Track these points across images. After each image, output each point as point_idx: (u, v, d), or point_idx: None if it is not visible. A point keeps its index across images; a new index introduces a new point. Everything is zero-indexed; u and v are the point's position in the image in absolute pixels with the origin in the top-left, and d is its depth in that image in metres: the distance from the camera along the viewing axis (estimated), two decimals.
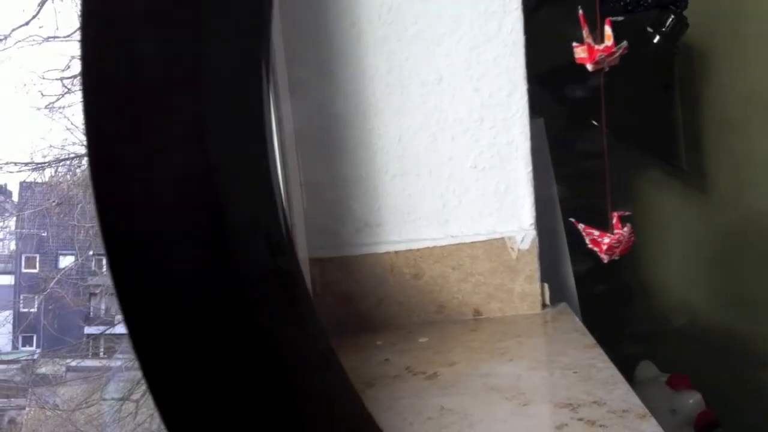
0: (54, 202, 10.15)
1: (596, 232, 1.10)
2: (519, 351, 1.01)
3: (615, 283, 1.76)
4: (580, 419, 0.76)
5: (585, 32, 1.03)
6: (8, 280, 17.43)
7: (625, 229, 1.09)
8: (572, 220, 1.12)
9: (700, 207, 1.90)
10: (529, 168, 1.14)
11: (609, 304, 1.72)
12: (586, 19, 1.03)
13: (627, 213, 1.10)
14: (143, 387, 9.82)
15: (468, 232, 1.16)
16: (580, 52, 1.05)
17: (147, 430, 10.05)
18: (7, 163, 10.45)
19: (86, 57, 0.44)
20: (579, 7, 1.03)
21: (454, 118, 1.14)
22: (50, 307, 13.32)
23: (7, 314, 16.88)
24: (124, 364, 10.87)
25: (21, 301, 16.67)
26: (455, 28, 1.13)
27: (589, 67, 1.04)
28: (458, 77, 1.13)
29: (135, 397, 9.84)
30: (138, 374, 10.17)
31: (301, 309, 0.50)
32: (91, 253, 11.38)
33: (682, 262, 1.88)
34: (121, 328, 11.74)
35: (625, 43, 1.02)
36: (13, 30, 9.50)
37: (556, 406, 0.81)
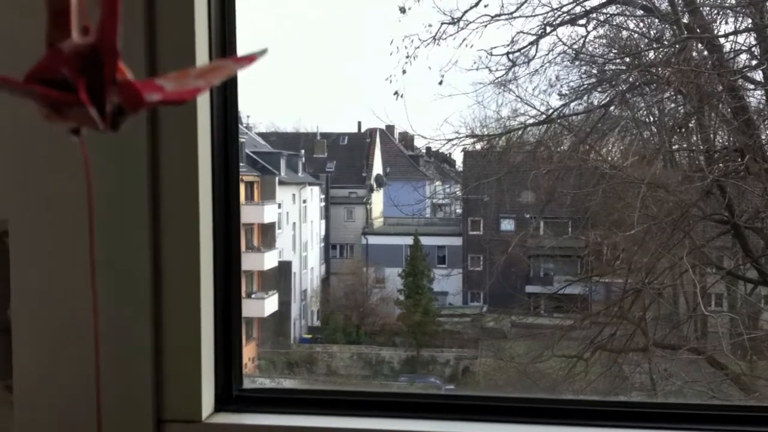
0: (500, 170, 10.84)
1: None
2: None
3: None
4: None
5: None
6: (457, 241, 19.09)
7: None
8: None
9: None
10: None
11: None
12: None
13: None
14: (594, 347, 10.09)
15: None
16: None
17: (596, 390, 10.34)
18: (454, 136, 11.37)
19: None
20: None
21: None
22: (494, 266, 14.31)
23: (458, 272, 18.47)
24: (574, 323, 11.28)
25: (469, 261, 18.17)
26: None
27: None
28: None
29: (586, 355, 10.16)
30: (591, 333, 10.47)
31: None
32: (529, 216, 11.95)
33: None
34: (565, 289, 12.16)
35: None
36: (465, 12, 10.26)
37: None
